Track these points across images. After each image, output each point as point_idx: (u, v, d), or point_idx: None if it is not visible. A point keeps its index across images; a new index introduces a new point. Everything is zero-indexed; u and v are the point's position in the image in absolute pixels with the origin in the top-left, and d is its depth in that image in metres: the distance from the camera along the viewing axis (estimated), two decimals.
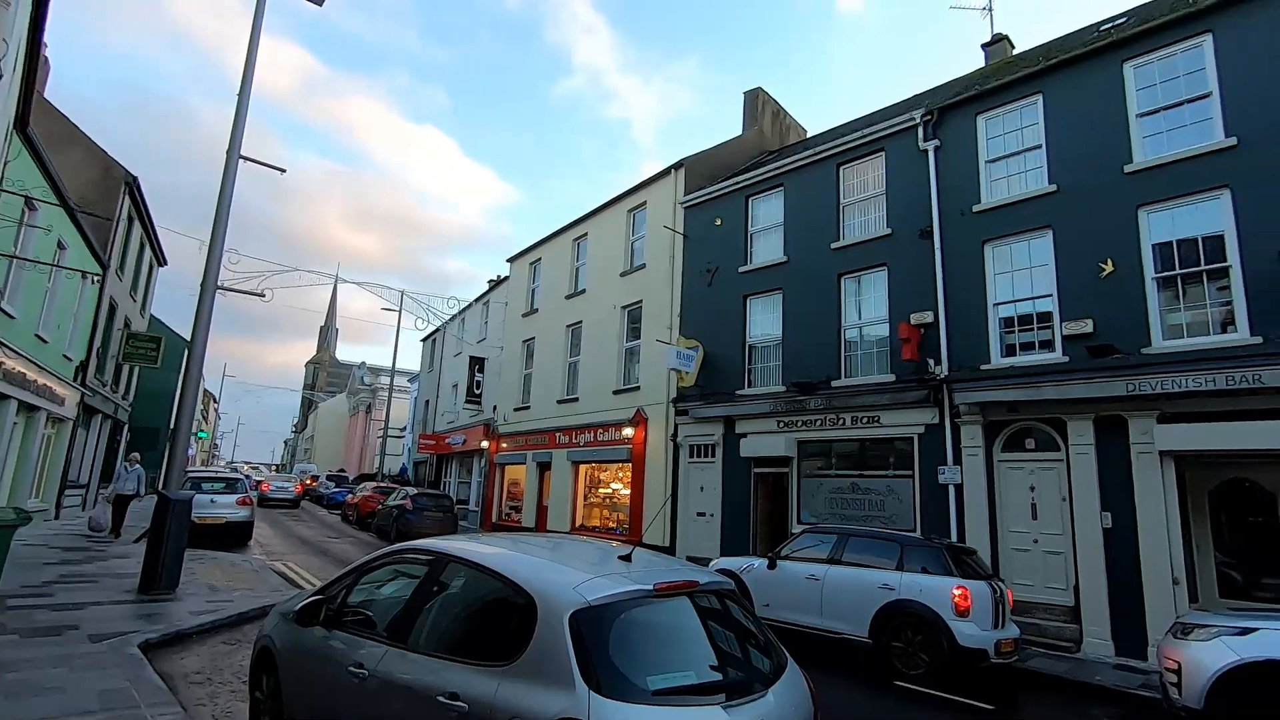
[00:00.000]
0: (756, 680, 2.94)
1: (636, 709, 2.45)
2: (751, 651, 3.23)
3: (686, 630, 3.07)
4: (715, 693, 2.71)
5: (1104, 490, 9.68)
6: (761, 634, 3.34)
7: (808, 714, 3.04)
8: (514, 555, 3.32)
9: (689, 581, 3.12)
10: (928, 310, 11.93)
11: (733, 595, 3.40)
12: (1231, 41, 9.57)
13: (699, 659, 2.98)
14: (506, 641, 2.80)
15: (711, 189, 16.64)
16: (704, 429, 15.29)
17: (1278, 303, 8.60)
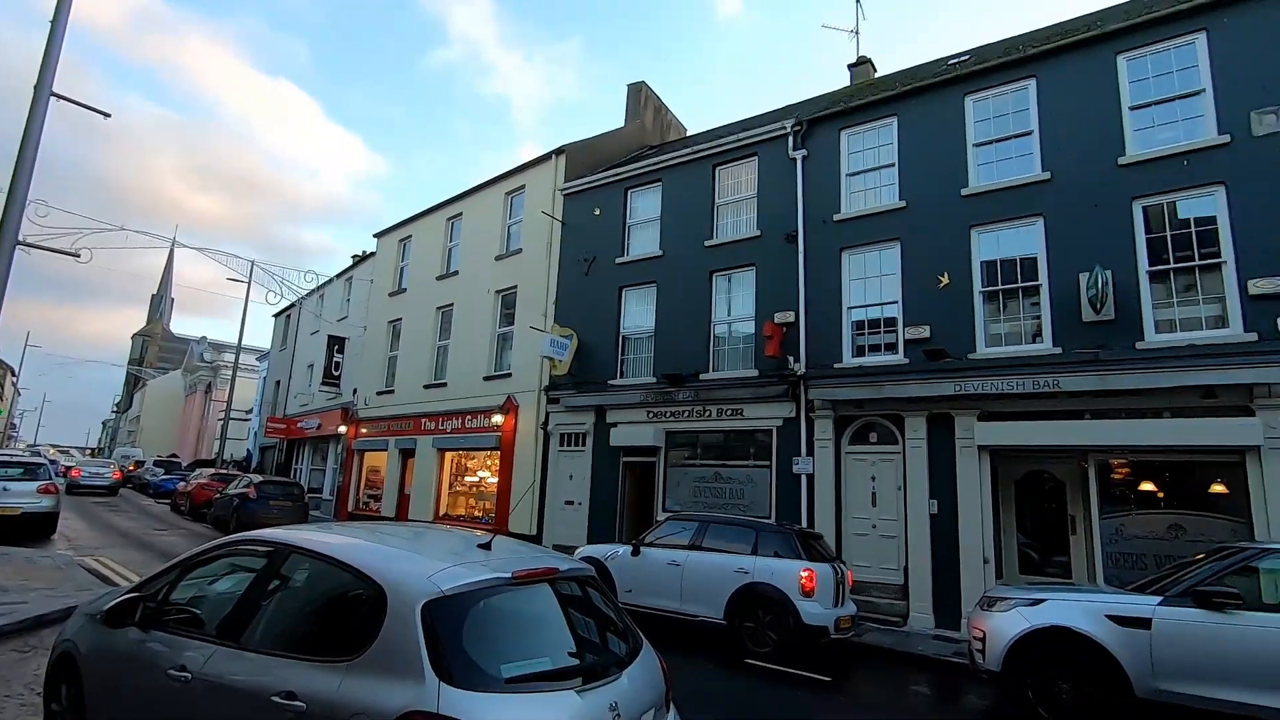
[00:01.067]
0: (612, 664, 3.00)
1: (489, 697, 2.42)
2: (609, 636, 3.29)
3: (546, 617, 3.07)
4: (571, 677, 2.73)
5: (932, 480, 10.77)
6: (619, 619, 3.41)
7: (660, 693, 3.14)
8: (365, 545, 3.16)
9: (549, 569, 3.12)
10: (790, 310, 12.65)
11: (593, 582, 3.44)
12: (1050, 88, 10.90)
13: (557, 645, 2.99)
14: (352, 635, 2.67)
15: (592, 178, 16.64)
16: (575, 418, 15.32)
17: (1075, 319, 9.94)
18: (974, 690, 7.42)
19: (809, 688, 7.05)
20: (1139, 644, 5.79)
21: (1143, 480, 9.70)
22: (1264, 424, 8.49)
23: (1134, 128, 10.18)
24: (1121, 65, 10.39)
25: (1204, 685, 5.55)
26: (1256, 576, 5.85)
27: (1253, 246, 8.99)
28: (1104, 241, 9.93)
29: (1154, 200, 9.81)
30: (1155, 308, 9.59)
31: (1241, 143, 9.28)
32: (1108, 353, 9.54)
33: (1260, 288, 8.84)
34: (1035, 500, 10.77)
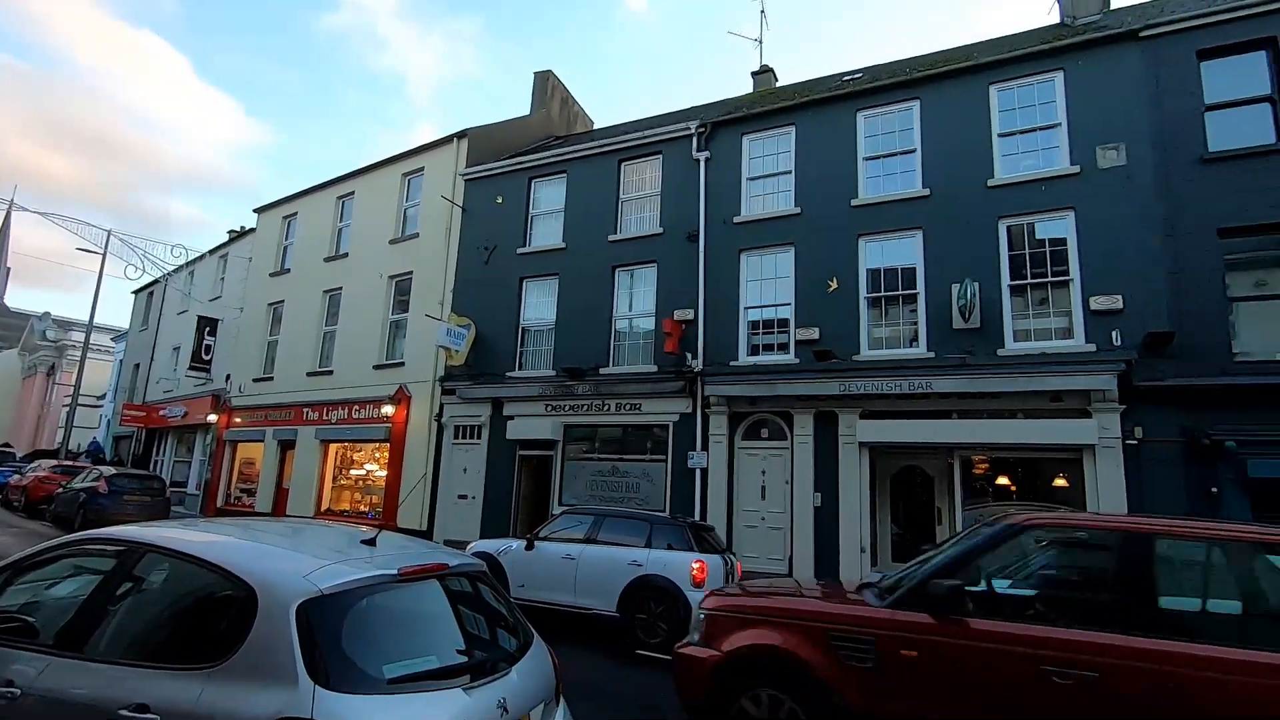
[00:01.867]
0: (501, 659, 2.95)
1: (369, 699, 2.32)
2: (499, 632, 3.24)
3: (433, 615, 2.98)
4: (459, 675, 2.66)
5: (818, 474, 11.35)
6: (510, 614, 3.36)
7: (550, 686, 3.13)
8: (234, 542, 2.93)
9: (438, 565, 3.02)
10: (690, 308, 12.92)
11: (483, 577, 3.37)
12: (932, 110, 11.72)
13: (445, 643, 2.91)
14: (217, 640, 2.47)
15: (495, 165, 16.25)
16: (471, 410, 14.94)
17: (946, 325, 10.77)
18: None
19: None
20: None
21: (999, 475, 10.67)
22: (1098, 425, 9.56)
23: (1002, 153, 11.14)
24: (993, 95, 11.34)
25: None
26: None
27: (1095, 266, 10.08)
28: (974, 255, 10.82)
29: (1016, 220, 10.78)
30: (1014, 318, 10.56)
31: (1089, 173, 10.37)
32: (973, 358, 10.41)
33: (1099, 304, 9.93)
34: (908, 493, 11.58)
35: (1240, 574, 3.75)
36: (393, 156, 18.55)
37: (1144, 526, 3.79)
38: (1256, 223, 9.44)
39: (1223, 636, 3.39)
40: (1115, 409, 9.54)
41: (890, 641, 3.75)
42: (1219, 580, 3.79)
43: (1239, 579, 3.76)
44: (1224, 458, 8.96)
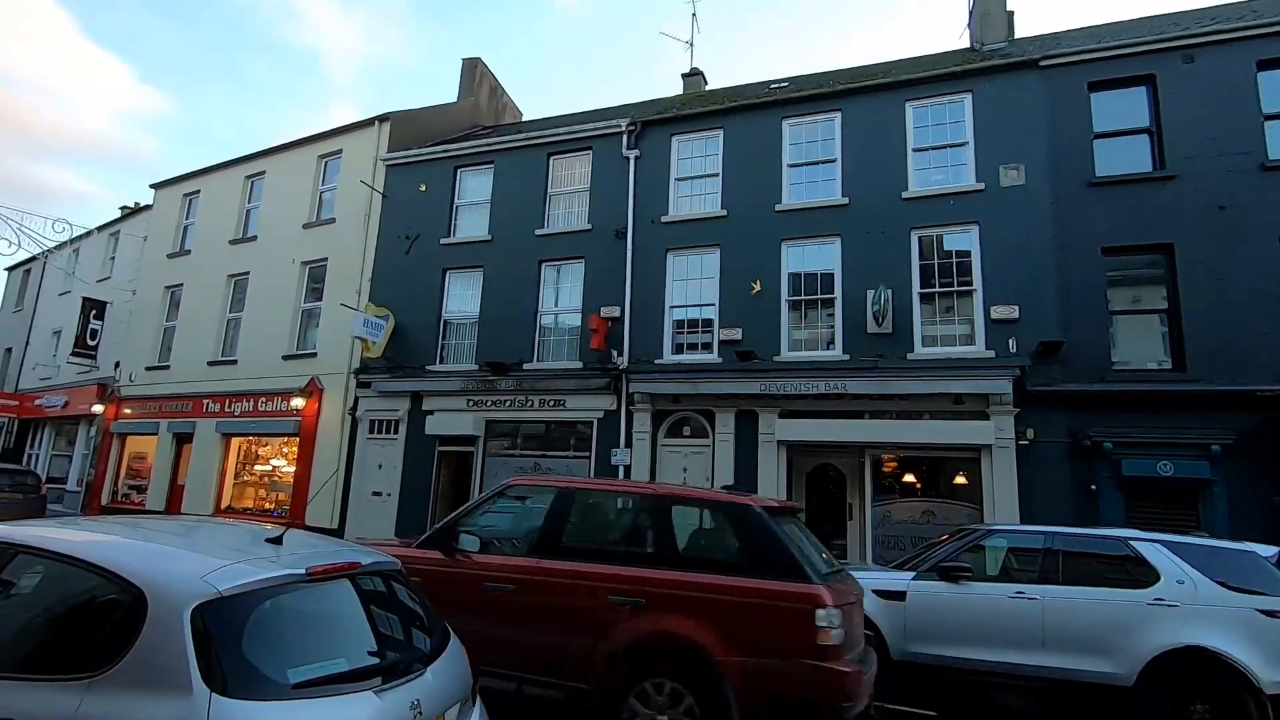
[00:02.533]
0: (416, 660, 2.88)
1: (271, 705, 2.20)
2: (414, 632, 3.16)
3: (345, 616, 2.87)
4: (370, 677, 2.57)
5: (737, 472, 11.60)
6: (426, 613, 3.28)
7: (466, 687, 3.07)
8: (121, 542, 2.72)
9: (349, 564, 2.91)
10: (616, 305, 12.94)
11: (398, 576, 3.27)
12: (853, 122, 12.20)
13: (356, 645, 2.80)
14: (100, 647, 2.28)
15: (419, 152, 15.75)
16: (388, 404, 14.43)
17: (861, 330, 11.24)
18: None
19: None
20: (896, 614, 6.70)
21: (906, 473, 11.24)
22: (995, 427, 10.22)
23: (915, 167, 11.72)
24: (909, 111, 11.91)
25: (944, 645, 6.56)
26: (984, 553, 7.03)
27: (996, 278, 10.77)
28: (887, 263, 11.34)
29: (927, 232, 11.38)
30: (923, 324, 11.14)
31: (993, 190, 11.06)
32: (885, 361, 10.92)
33: (999, 313, 10.61)
34: (822, 490, 12.02)
35: (625, 517, 5.50)
36: (309, 137, 17.66)
37: (567, 484, 5.67)
38: (1134, 243, 10.34)
39: (608, 559, 5.01)
40: (1010, 412, 10.23)
41: (413, 570, 4.46)
42: (614, 521, 5.58)
43: (625, 520, 5.49)
44: (1102, 457, 9.77)
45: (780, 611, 4.36)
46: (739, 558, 4.78)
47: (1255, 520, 8.94)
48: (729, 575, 4.62)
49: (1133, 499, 9.67)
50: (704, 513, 5.30)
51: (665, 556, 4.93)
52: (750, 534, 4.77)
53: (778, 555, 4.60)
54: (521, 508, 5.78)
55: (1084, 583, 6.40)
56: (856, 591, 5.16)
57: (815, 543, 5.47)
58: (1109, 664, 6.06)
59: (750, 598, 4.44)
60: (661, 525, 5.09)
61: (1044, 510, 9.76)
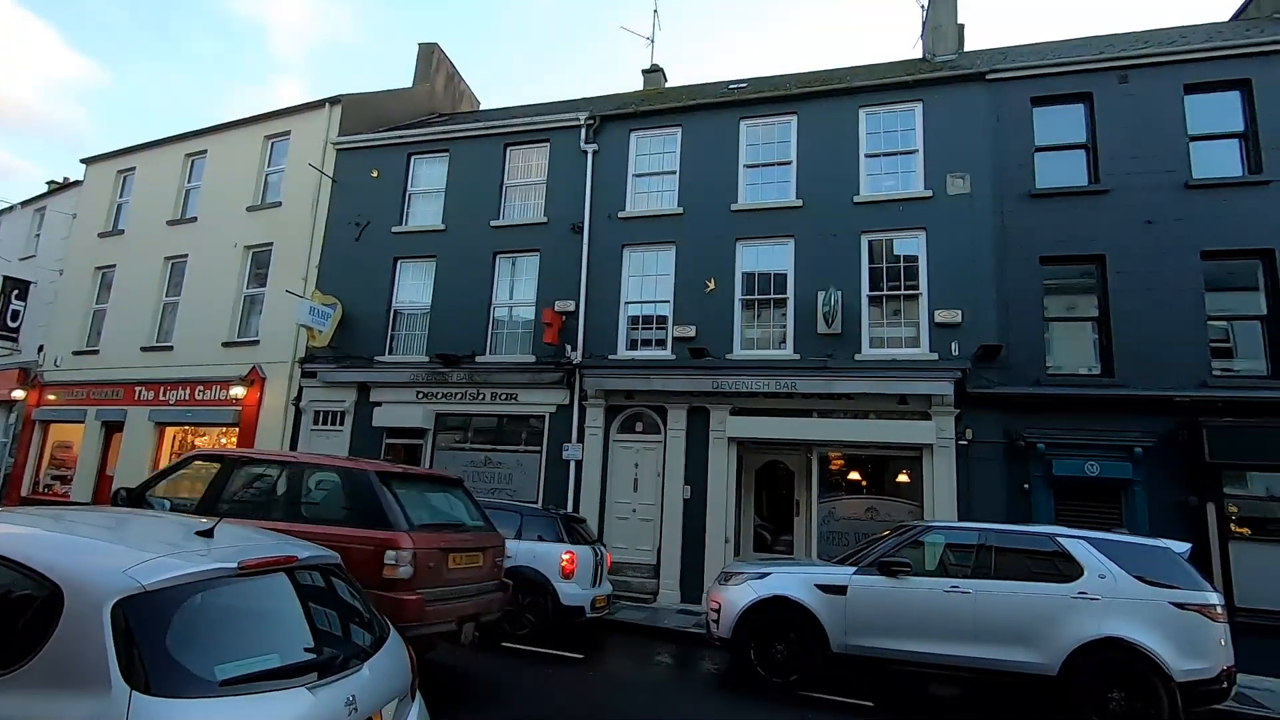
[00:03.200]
0: (354, 655, 2.82)
1: (196, 703, 2.13)
2: (353, 627, 3.10)
3: (280, 611, 2.79)
4: (305, 673, 2.51)
5: (688, 468, 11.71)
6: (366, 608, 3.22)
7: (405, 682, 3.02)
8: (37, 534, 2.59)
9: (285, 557, 2.83)
10: (571, 300, 12.88)
11: (337, 570, 3.19)
12: (808, 125, 12.40)
13: (291, 640, 2.73)
14: (9, 645, 2.17)
15: (372, 137, 15.35)
16: (334, 394, 14.06)
17: (811, 330, 11.46)
18: (710, 657, 8.23)
19: (560, 665, 7.27)
20: (837, 607, 6.88)
21: (851, 471, 11.52)
22: (937, 427, 10.56)
23: (867, 172, 11.99)
24: (863, 118, 12.18)
25: (882, 638, 6.76)
26: (922, 549, 7.27)
27: (941, 283, 11.12)
28: (838, 266, 11.58)
29: (877, 236, 11.66)
30: (871, 326, 11.42)
31: (940, 198, 11.41)
32: (834, 361, 11.16)
33: (942, 317, 10.96)
34: (771, 486, 12.23)
35: (273, 481, 6.25)
36: (255, 116, 17.01)
37: (231, 454, 6.58)
38: (1069, 254, 10.81)
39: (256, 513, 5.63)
40: (951, 412, 10.58)
41: None
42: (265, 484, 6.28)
43: (273, 483, 6.23)
44: (1035, 457, 10.20)
45: (366, 552, 5.25)
46: (350, 511, 5.73)
47: (1172, 518, 9.48)
48: (343, 526, 5.53)
49: (1062, 497, 10.13)
50: (330, 477, 6.12)
51: (299, 512, 5.89)
52: (358, 493, 5.76)
53: (375, 510, 5.59)
54: (202, 475, 6.67)
55: (1014, 577, 6.69)
56: (460, 540, 6.12)
57: (473, 506, 6.87)
58: (1035, 654, 6.35)
59: (352, 543, 5.25)
60: (299, 487, 6.07)
61: (981, 507, 10.14)
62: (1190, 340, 10.04)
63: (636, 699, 6.49)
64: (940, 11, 14.24)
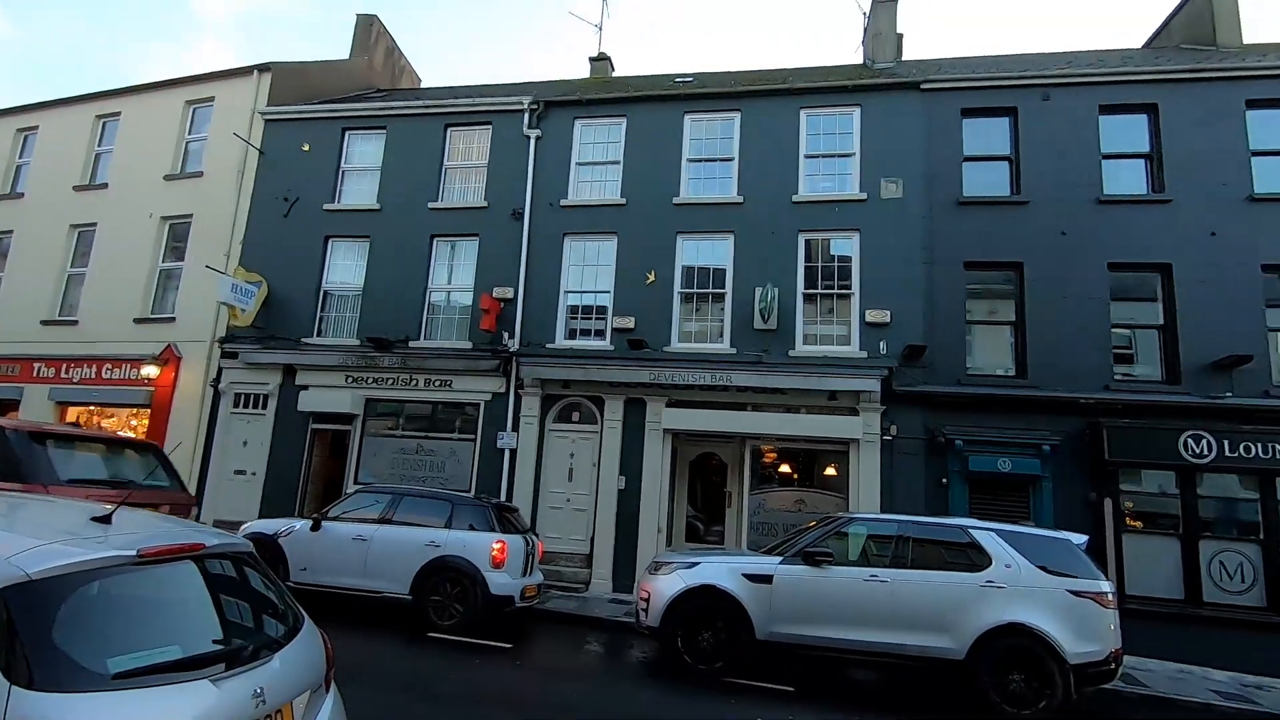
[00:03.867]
0: (265, 646, 2.72)
1: (84, 698, 2.01)
2: (265, 618, 2.99)
3: (185, 601, 2.68)
4: (209, 665, 2.41)
5: (624, 458, 11.76)
6: (281, 599, 3.11)
7: (319, 673, 2.94)
8: None
9: (190, 545, 2.70)
10: (510, 286, 12.70)
11: (249, 559, 3.07)
12: (751, 123, 12.57)
13: (196, 631, 2.61)
14: None
15: (304, 109, 14.69)
16: (257, 376, 13.44)
17: (748, 325, 11.67)
18: (639, 645, 8.31)
19: (489, 655, 7.21)
20: (763, 596, 7.06)
21: (783, 463, 11.83)
22: (864, 422, 10.94)
23: (806, 173, 12.26)
24: (803, 119, 12.43)
25: (805, 625, 6.99)
26: (846, 539, 7.54)
27: (872, 283, 11.49)
28: (776, 263, 11.82)
29: (813, 235, 11.95)
30: (805, 323, 11.72)
31: (874, 201, 11.78)
32: (769, 357, 11.41)
33: (873, 317, 11.34)
34: (704, 478, 12.42)
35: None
36: (175, 79, 15.99)
37: None
38: (991, 260, 11.35)
39: None
40: (877, 409, 10.98)
41: None
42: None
43: None
44: (953, 453, 10.70)
45: None
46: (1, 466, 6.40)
47: (1074, 511, 10.13)
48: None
49: (977, 491, 10.68)
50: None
51: None
52: (5, 450, 6.49)
53: (13, 464, 6.40)
54: None
55: (929, 567, 7.03)
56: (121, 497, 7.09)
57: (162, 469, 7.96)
58: (946, 640, 6.69)
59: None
60: None
61: (902, 500, 10.59)
62: (1096, 346, 10.72)
63: (563, 687, 6.50)
64: (881, 20, 14.65)
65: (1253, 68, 11.19)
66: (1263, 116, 11.06)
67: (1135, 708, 7.67)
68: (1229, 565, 9.89)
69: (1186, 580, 9.88)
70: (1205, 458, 9.76)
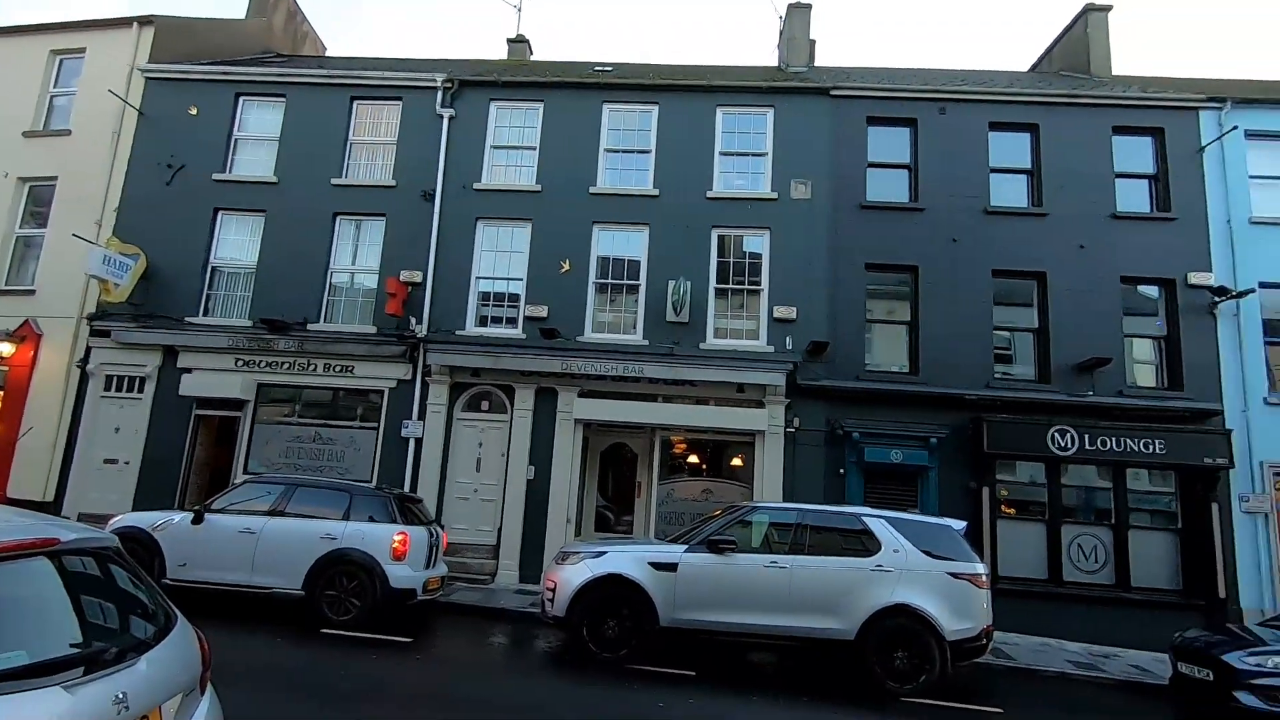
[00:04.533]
0: (130, 649, 2.51)
1: None
2: (132, 618, 2.76)
3: (39, 601, 2.43)
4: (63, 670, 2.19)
5: (534, 448, 11.65)
6: (151, 598, 2.88)
7: (193, 675, 2.75)
8: None
9: (42, 540, 2.45)
10: (418, 270, 12.27)
11: (114, 556, 2.83)
12: (669, 117, 12.67)
13: (50, 634, 2.38)
14: None
15: (192, 69, 13.56)
16: (133, 357, 12.36)
17: (661, 317, 11.80)
18: (544, 636, 8.27)
19: (386, 649, 6.98)
20: (667, 584, 7.19)
21: (691, 454, 12.07)
22: (769, 414, 11.32)
23: (721, 170, 12.50)
24: (720, 116, 12.65)
25: (709, 611, 7.17)
26: (749, 528, 7.78)
27: (780, 280, 11.88)
28: (689, 257, 12.00)
29: (726, 232, 12.22)
30: (716, 317, 11.98)
31: (784, 201, 12.16)
32: (680, 349, 11.59)
33: (780, 313, 11.74)
34: (615, 468, 12.49)
35: None
36: (39, 25, 14.37)
37: None
38: (890, 263, 11.98)
39: None
40: (782, 402, 11.39)
41: None
42: None
43: None
44: (851, 445, 11.26)
45: None
46: None
47: (957, 499, 10.90)
48: None
49: (871, 480, 11.29)
50: None
51: None
52: None
53: None
54: None
55: (826, 553, 7.37)
56: None
57: None
58: (838, 621, 7.05)
59: None
60: None
61: (804, 489, 11.04)
62: (980, 346, 11.55)
63: (463, 679, 6.39)
64: (795, 24, 15.09)
65: (1119, 97, 12.32)
66: (1126, 142, 12.20)
67: (1001, 679, 8.37)
68: (1085, 547, 10.95)
69: (1050, 561, 10.86)
70: (1069, 450, 10.73)
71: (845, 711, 6.35)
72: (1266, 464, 10.94)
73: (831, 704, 6.52)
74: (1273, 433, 10.98)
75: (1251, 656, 7.15)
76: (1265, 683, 6.94)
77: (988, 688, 7.86)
